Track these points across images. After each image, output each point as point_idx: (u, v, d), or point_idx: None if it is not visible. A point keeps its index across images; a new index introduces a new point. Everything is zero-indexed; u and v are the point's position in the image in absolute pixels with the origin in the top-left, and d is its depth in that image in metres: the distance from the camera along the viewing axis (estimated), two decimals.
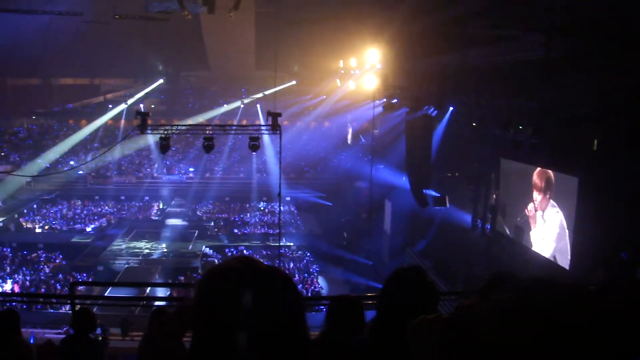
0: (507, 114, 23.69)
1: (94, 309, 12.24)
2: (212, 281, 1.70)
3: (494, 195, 26.15)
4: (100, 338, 9.19)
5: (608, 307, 1.73)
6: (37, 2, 35.40)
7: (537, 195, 21.34)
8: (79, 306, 10.21)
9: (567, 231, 19.12)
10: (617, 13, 14.62)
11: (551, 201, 20.30)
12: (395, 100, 30.20)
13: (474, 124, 27.45)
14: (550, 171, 20.74)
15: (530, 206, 21.69)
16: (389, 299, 3.31)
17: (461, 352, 2.00)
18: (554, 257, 20.07)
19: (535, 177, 21.34)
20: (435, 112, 27.44)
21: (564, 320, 1.59)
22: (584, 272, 17.68)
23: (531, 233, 21.73)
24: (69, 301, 14.45)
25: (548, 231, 20.47)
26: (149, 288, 28.78)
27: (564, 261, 19.30)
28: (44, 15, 37.07)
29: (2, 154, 52.49)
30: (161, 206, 49.25)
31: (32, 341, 11.19)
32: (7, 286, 31.26)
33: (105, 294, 25.36)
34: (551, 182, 20.42)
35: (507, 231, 24.13)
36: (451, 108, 27.36)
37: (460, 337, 1.98)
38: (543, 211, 20.87)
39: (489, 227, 26.40)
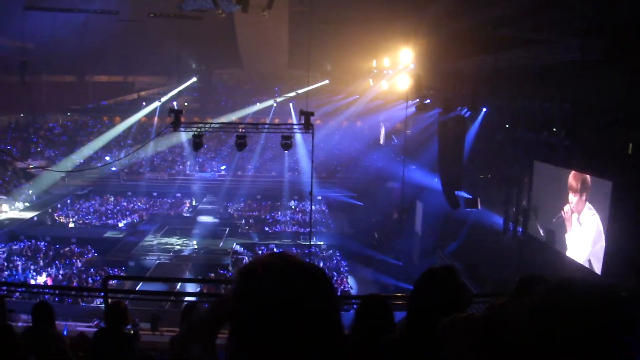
0: (541, 117, 23.51)
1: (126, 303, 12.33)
2: (251, 275, 1.71)
3: (527, 198, 25.90)
4: (132, 332, 9.29)
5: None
6: (74, 1, 35.81)
7: (572, 197, 21.04)
8: (111, 300, 10.32)
9: (603, 235, 18.86)
10: None
11: (587, 204, 19.99)
12: (428, 101, 30.08)
13: (507, 126, 27.23)
14: (588, 176, 20.49)
15: (567, 208, 21.38)
16: (420, 297, 3.28)
17: (491, 351, 2.00)
18: (589, 261, 19.79)
19: (571, 179, 21.06)
20: (469, 113, 27.27)
21: (592, 322, 1.56)
22: (616, 277, 17.41)
23: (566, 236, 21.42)
24: (101, 294, 14.64)
25: (584, 234, 20.19)
26: (179, 284, 28.96)
27: (598, 266, 19.05)
28: (80, 13, 37.49)
29: (38, 149, 53.22)
30: (193, 203, 49.53)
31: (65, 333, 11.32)
32: (41, 279, 31.64)
33: (137, 289, 25.59)
34: (587, 184, 20.13)
35: (539, 234, 23.90)
36: (484, 109, 27.16)
37: (491, 336, 1.98)
38: (579, 214, 20.58)
39: (520, 230, 26.13)
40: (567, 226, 21.31)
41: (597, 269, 19.04)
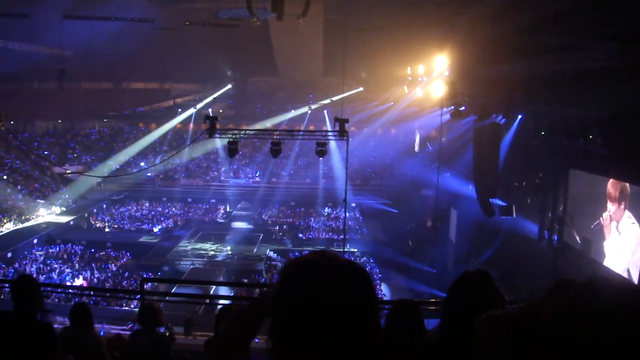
0: (577, 124, 23.30)
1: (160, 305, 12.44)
2: (294, 271, 1.75)
3: (562, 206, 25.65)
4: (167, 333, 9.38)
5: None
6: (111, 9, 36.30)
7: (611, 206, 20.82)
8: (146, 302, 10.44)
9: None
10: None
11: (627, 212, 19.78)
12: (463, 108, 29.90)
13: (542, 133, 27.02)
14: (627, 185, 20.25)
15: (605, 215, 21.14)
16: (454, 301, 3.28)
17: (525, 348, 2.02)
18: (627, 270, 19.56)
19: (610, 187, 20.85)
20: (504, 120, 27.10)
21: (622, 321, 1.54)
22: None
23: (604, 244, 21.19)
24: (138, 297, 14.80)
25: (623, 243, 19.97)
26: (213, 289, 29.15)
27: (636, 275, 18.80)
28: (117, 21, 38.00)
29: (75, 155, 54.05)
30: (227, 209, 49.78)
31: (102, 334, 11.49)
32: (77, 282, 32.06)
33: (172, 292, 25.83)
34: (626, 192, 19.91)
35: (576, 242, 23.66)
36: (520, 116, 26.98)
37: (525, 333, 2.00)
38: (618, 222, 20.36)
39: (556, 238, 25.88)
40: (606, 234, 21.07)
41: (635, 278, 18.79)
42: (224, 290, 29.64)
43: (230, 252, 38.67)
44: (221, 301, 23.36)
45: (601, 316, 1.57)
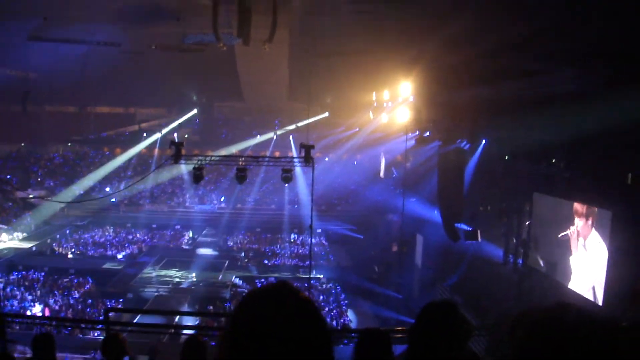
0: (540, 148, 23.60)
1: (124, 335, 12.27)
2: (248, 305, 1.79)
3: (526, 230, 25.90)
4: None
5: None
6: (77, 32, 36.10)
7: (578, 221, 21.00)
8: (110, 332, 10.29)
9: (606, 264, 18.84)
10: None
11: (594, 231, 20.00)
12: (428, 134, 30.19)
13: (506, 158, 27.33)
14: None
15: (573, 229, 21.31)
16: (421, 332, 3.30)
17: None
18: (593, 288, 19.72)
19: (578, 206, 21.05)
20: (468, 145, 27.42)
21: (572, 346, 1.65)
22: (617, 308, 17.37)
23: (570, 259, 21.32)
24: (101, 327, 14.58)
25: (589, 260, 20.12)
26: (177, 317, 28.84)
27: (600, 295, 19.00)
28: (83, 45, 37.81)
29: (38, 179, 53.36)
30: (191, 235, 49.42)
31: None
32: (36, 309, 31.51)
33: (135, 321, 25.47)
34: (593, 209, 20.15)
35: (540, 265, 23.86)
36: (484, 141, 27.29)
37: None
38: (585, 239, 20.55)
39: (520, 261, 26.10)
40: (572, 248, 21.21)
41: (600, 297, 18.99)
42: (189, 318, 29.36)
43: (195, 279, 38.30)
44: (186, 331, 23.18)
45: (563, 342, 1.68)
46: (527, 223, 25.74)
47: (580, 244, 20.74)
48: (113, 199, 50.16)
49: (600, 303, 18.82)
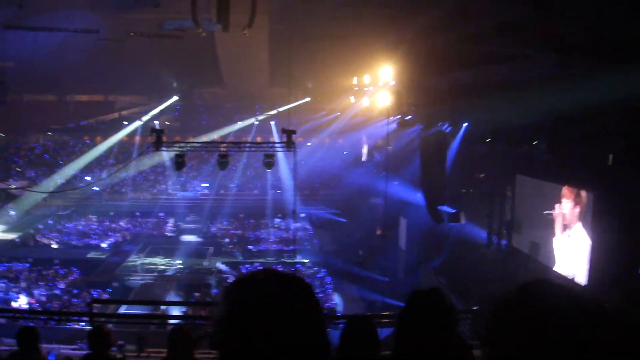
0: (521, 130, 23.75)
1: (109, 326, 12.27)
2: (238, 291, 1.75)
3: (510, 211, 26.10)
4: (119, 356, 9.28)
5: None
6: (53, 20, 35.70)
7: (566, 203, 21.16)
8: (95, 323, 10.29)
9: (589, 253, 19.04)
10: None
11: (579, 224, 20.16)
12: (409, 117, 30.28)
13: (488, 140, 27.48)
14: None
15: (557, 210, 21.53)
16: (409, 321, 3.32)
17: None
18: (574, 276, 19.92)
19: (565, 189, 21.20)
20: (450, 128, 27.54)
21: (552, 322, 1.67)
22: (601, 290, 17.57)
23: (553, 240, 21.56)
24: (86, 318, 14.58)
25: (572, 248, 20.37)
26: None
27: (583, 279, 19.18)
28: (61, 32, 37.37)
29: (18, 169, 52.94)
30: (172, 222, 49.34)
31: (52, 358, 11.27)
32: (22, 300, 31.37)
33: (121, 311, 25.42)
34: (582, 198, 20.27)
35: (524, 247, 24.07)
36: (465, 124, 27.41)
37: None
38: (569, 227, 20.75)
39: (504, 243, 26.32)
40: (556, 229, 21.41)
41: (581, 281, 19.18)
42: (175, 307, 29.37)
43: (180, 266, 38.24)
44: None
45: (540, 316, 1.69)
46: (511, 205, 25.96)
47: (566, 231, 20.91)
48: (95, 188, 49.87)
49: (583, 285, 19.00)
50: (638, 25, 14.66)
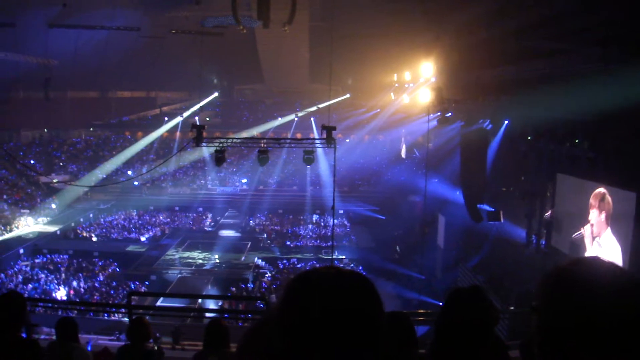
0: (563, 128, 23.40)
1: (147, 317, 12.35)
2: (300, 285, 1.72)
3: (550, 211, 25.75)
4: (156, 348, 9.32)
5: None
6: (96, 18, 36.24)
7: (592, 215, 20.92)
8: (134, 315, 10.35)
9: (621, 255, 18.75)
10: None
11: (609, 229, 19.89)
12: (450, 114, 30.09)
13: (529, 138, 27.15)
14: (607, 194, 20.30)
15: (587, 226, 21.23)
16: (448, 317, 3.25)
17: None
18: None
19: (592, 199, 20.93)
20: (491, 125, 27.27)
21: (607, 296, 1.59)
22: None
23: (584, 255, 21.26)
24: (124, 310, 14.70)
25: (603, 255, 19.99)
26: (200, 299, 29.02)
27: None
28: (103, 30, 37.93)
29: (61, 164, 53.84)
30: (210, 218, 49.67)
31: (89, 348, 11.37)
32: (63, 292, 31.84)
33: (158, 303, 25.63)
34: (607, 200, 19.98)
35: (564, 247, 23.72)
36: (506, 122, 27.11)
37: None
38: (599, 236, 20.44)
39: (543, 242, 25.97)
40: (587, 245, 21.17)
41: None
42: (211, 301, 29.54)
43: (218, 261, 38.46)
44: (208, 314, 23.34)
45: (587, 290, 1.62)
46: (551, 204, 25.62)
47: (596, 241, 20.66)
48: (135, 182, 50.43)
49: None
50: None
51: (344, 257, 38.99)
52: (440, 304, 3.58)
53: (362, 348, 1.63)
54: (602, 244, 20.11)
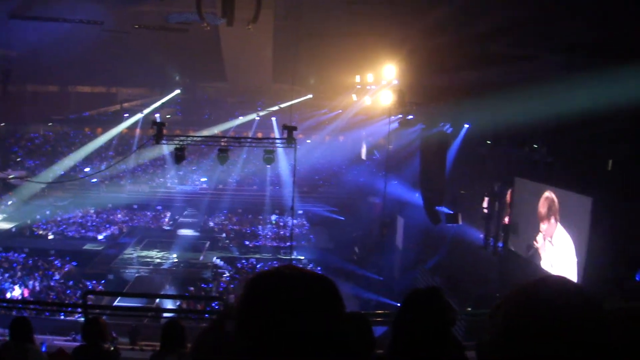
0: (522, 132, 23.75)
1: (104, 317, 12.27)
2: (260, 285, 1.73)
3: (507, 214, 26.11)
4: (112, 348, 9.25)
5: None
6: (58, 10, 35.80)
7: (542, 225, 21.44)
8: (90, 315, 10.27)
9: (575, 253, 19.10)
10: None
11: (559, 225, 20.27)
12: (411, 117, 30.38)
13: (488, 142, 27.52)
14: (553, 195, 20.76)
15: (539, 237, 21.77)
16: (406, 320, 3.32)
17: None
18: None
19: (540, 207, 21.43)
20: (451, 129, 27.60)
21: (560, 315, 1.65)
22: (597, 293, 17.47)
23: (540, 263, 21.74)
24: (80, 310, 14.59)
25: (557, 254, 20.42)
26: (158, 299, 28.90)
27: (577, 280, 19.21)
28: (65, 23, 37.48)
29: (18, 159, 53.09)
30: (171, 215, 49.50)
31: (44, 349, 11.25)
32: (16, 292, 31.42)
33: (116, 303, 25.46)
34: (555, 207, 20.42)
35: (520, 250, 24.08)
36: (467, 125, 27.45)
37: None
38: (551, 237, 20.85)
39: (501, 245, 26.34)
40: (542, 254, 21.69)
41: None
42: (169, 300, 29.41)
43: (176, 260, 38.33)
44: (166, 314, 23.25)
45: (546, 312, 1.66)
46: (508, 207, 25.98)
47: (548, 243, 21.13)
48: (94, 179, 49.90)
49: None
50: None
51: (302, 257, 39.07)
52: (399, 304, 3.55)
53: (322, 349, 1.64)
54: (555, 242, 20.54)
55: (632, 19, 15.37)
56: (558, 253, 20.30)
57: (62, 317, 25.70)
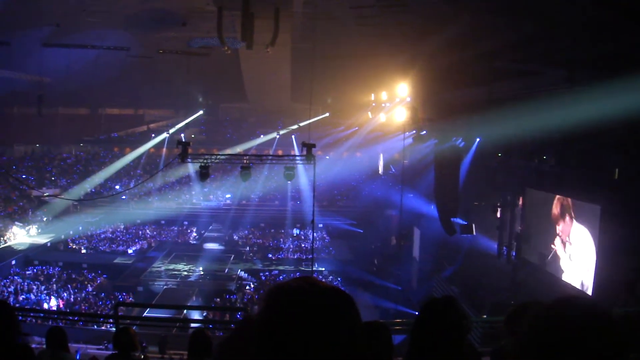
0: (532, 145, 24.56)
1: (134, 327, 12.77)
2: (280, 298, 1.73)
3: (519, 224, 26.82)
4: (142, 357, 9.93)
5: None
6: (87, 38, 37.13)
7: (558, 226, 22.07)
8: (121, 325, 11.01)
9: (595, 248, 19.68)
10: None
11: (574, 222, 20.93)
12: (424, 132, 31.08)
13: (499, 155, 28.29)
14: (565, 199, 21.49)
15: (557, 240, 22.35)
16: (423, 327, 3.41)
17: None
18: (582, 281, 20.56)
19: (554, 209, 22.05)
20: (463, 143, 28.34)
21: (579, 335, 1.74)
22: (607, 297, 18.11)
23: (560, 260, 22.26)
24: (112, 320, 15.39)
25: (575, 253, 21.07)
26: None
27: (590, 285, 19.83)
28: (94, 49, 38.88)
29: (52, 178, 54.74)
30: (197, 230, 50.52)
31: (78, 357, 12.07)
32: (54, 302, 32.55)
33: (145, 314, 26.30)
34: (569, 207, 21.08)
35: (533, 258, 24.76)
36: (478, 139, 28.28)
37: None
38: (568, 235, 21.48)
39: (514, 254, 27.02)
40: (561, 256, 22.19)
41: (590, 288, 19.78)
42: (196, 311, 30.32)
43: (202, 273, 39.23)
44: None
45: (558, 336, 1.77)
46: (520, 217, 26.67)
47: (566, 242, 21.64)
48: (123, 197, 50.98)
49: (590, 292, 19.59)
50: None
51: (323, 269, 39.75)
52: (416, 313, 3.59)
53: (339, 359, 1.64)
54: (572, 240, 21.19)
55: (631, 34, 16.13)
56: (577, 250, 20.90)
57: (94, 327, 26.70)
